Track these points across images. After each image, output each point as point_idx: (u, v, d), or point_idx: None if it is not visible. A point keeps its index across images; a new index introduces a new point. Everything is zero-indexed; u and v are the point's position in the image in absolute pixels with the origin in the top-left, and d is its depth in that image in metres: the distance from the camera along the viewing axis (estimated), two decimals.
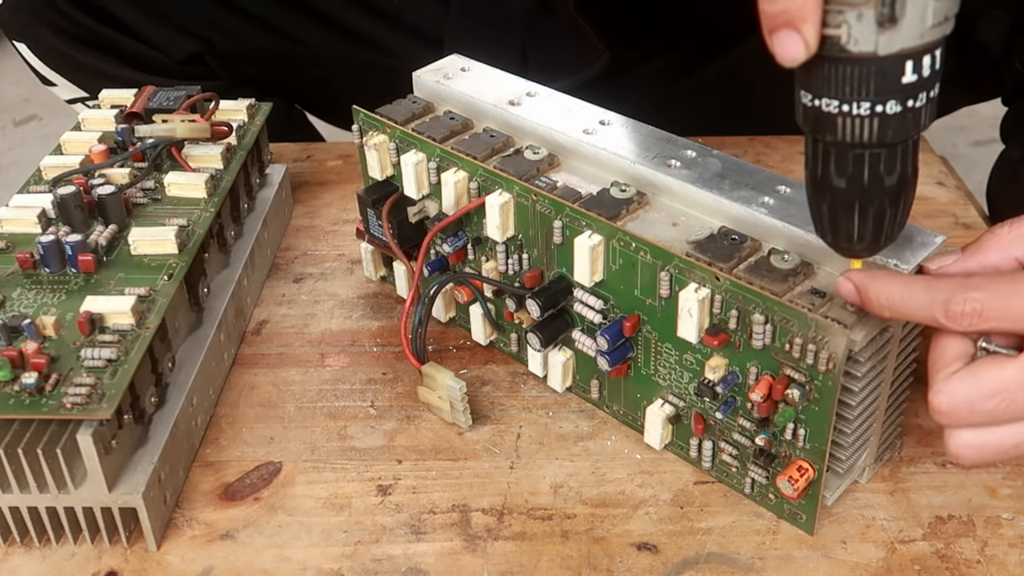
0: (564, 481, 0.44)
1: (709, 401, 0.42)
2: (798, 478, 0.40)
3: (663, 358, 0.43)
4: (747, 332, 0.39)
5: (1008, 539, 0.41)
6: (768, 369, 0.39)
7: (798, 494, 0.40)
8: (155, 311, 0.43)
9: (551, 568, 0.40)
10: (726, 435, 0.42)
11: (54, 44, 0.71)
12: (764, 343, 0.38)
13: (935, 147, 0.73)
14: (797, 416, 0.39)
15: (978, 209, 0.64)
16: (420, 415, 0.48)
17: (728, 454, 0.43)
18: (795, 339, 0.37)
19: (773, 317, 0.38)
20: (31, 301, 0.44)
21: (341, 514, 0.43)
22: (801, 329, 0.37)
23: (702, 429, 0.43)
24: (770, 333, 0.38)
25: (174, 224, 0.48)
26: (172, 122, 0.54)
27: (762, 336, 0.38)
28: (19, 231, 0.48)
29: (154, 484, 0.41)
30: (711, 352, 0.41)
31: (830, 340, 0.36)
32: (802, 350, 0.37)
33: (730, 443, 0.42)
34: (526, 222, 0.46)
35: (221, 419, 0.48)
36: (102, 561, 0.41)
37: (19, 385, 0.39)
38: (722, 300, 0.39)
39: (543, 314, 0.45)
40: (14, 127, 1.57)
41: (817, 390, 0.38)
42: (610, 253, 0.43)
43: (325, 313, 0.56)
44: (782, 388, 0.38)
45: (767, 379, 0.39)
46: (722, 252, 0.40)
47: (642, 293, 0.42)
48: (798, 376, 0.38)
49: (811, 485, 0.40)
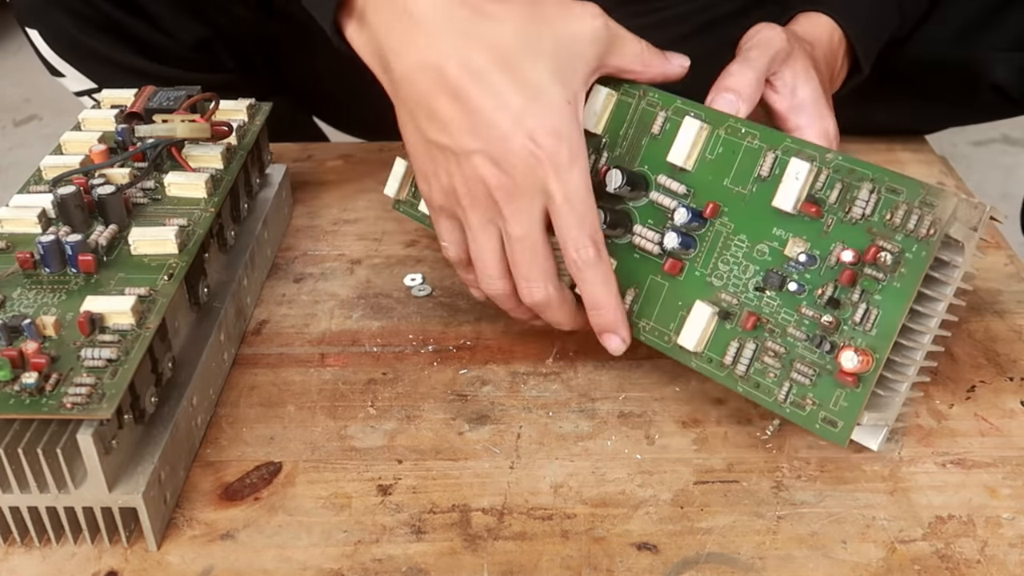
0: (564, 481, 0.44)
1: (770, 295, 0.43)
2: (854, 358, 0.40)
3: (730, 252, 0.44)
4: (846, 207, 0.41)
5: (1008, 539, 0.41)
6: (855, 246, 0.41)
7: (857, 373, 0.40)
8: (155, 311, 0.43)
9: (551, 568, 0.40)
10: (776, 335, 0.43)
11: (67, 29, 0.70)
12: (864, 213, 0.40)
13: (935, 147, 0.73)
14: (875, 293, 0.40)
15: None
16: (420, 415, 0.48)
17: (771, 354, 0.43)
18: (899, 208, 0.39)
19: (881, 188, 0.40)
20: (31, 301, 0.44)
21: (341, 514, 0.43)
22: (910, 196, 0.39)
23: (754, 323, 0.43)
24: (873, 204, 0.40)
25: (174, 224, 0.48)
26: (172, 122, 0.54)
27: (864, 207, 0.40)
28: (19, 231, 0.48)
29: (154, 484, 0.41)
30: (796, 229, 0.42)
31: (939, 204, 0.39)
32: (904, 217, 0.39)
33: (779, 343, 0.43)
34: (621, 121, 0.48)
35: (221, 419, 0.48)
36: (102, 561, 0.41)
37: (19, 385, 0.39)
38: (827, 176, 0.42)
39: (623, 182, 0.45)
40: (14, 127, 1.57)
41: (907, 264, 0.39)
42: (712, 142, 0.45)
43: (325, 313, 0.56)
44: (875, 252, 0.40)
45: (854, 251, 0.41)
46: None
47: (733, 182, 0.44)
48: (890, 247, 0.40)
49: (863, 382, 0.40)
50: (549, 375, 0.51)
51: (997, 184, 1.35)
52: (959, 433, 0.47)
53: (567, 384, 0.50)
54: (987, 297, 0.56)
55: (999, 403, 0.49)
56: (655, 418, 0.48)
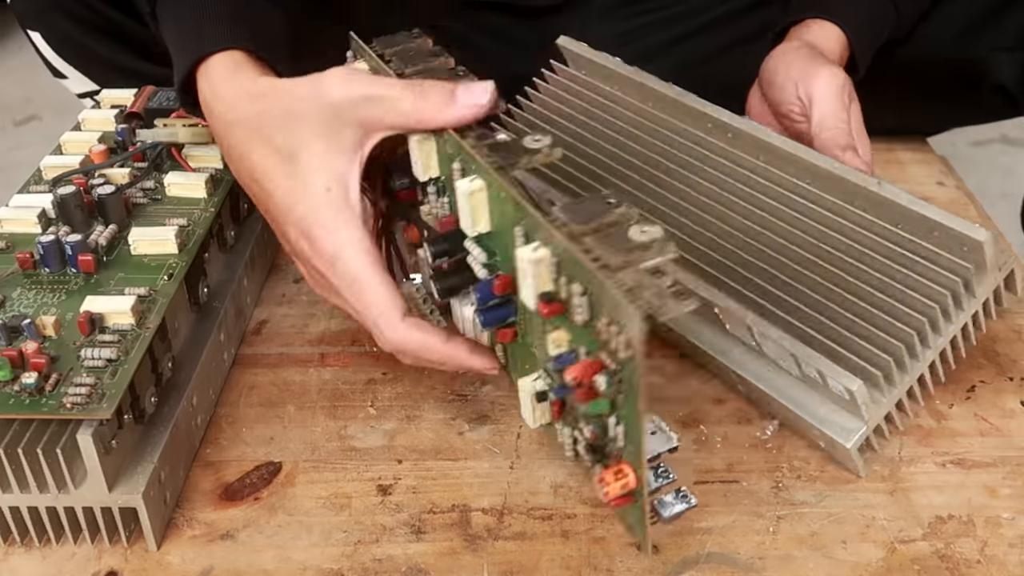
0: (564, 481, 0.44)
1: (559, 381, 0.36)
2: (611, 481, 0.34)
3: (532, 326, 0.39)
4: (574, 309, 0.34)
5: (1008, 539, 0.41)
6: (595, 350, 0.34)
7: (611, 500, 0.34)
8: (155, 311, 0.43)
9: (551, 568, 0.40)
10: (580, 430, 0.37)
11: (68, 32, 0.70)
12: (584, 318, 0.33)
13: (935, 147, 0.73)
14: (616, 409, 0.34)
15: (978, 209, 0.64)
16: (420, 415, 0.48)
17: (582, 445, 0.37)
18: (603, 316, 0.32)
19: (590, 287, 0.32)
20: (31, 301, 0.44)
21: (341, 514, 0.43)
22: (607, 304, 0.32)
23: (558, 412, 0.38)
24: (587, 307, 0.33)
25: (174, 224, 0.48)
26: (174, 127, 0.54)
27: (581, 310, 0.33)
28: (19, 231, 0.48)
29: (154, 484, 0.41)
30: (553, 324, 0.36)
31: (627, 322, 0.30)
32: (607, 330, 0.32)
33: (580, 433, 0.37)
34: (445, 163, 0.42)
35: (221, 419, 0.48)
36: (102, 561, 0.41)
37: (19, 385, 0.39)
38: (557, 263, 0.34)
39: (435, 261, 0.41)
40: (14, 127, 1.57)
41: (625, 380, 0.32)
42: (494, 202, 0.38)
43: (325, 313, 0.56)
44: (592, 373, 0.33)
45: (586, 363, 0.34)
46: (583, 213, 0.34)
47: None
48: (609, 362, 0.33)
49: (634, 494, 0.34)
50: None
51: (997, 184, 1.35)
52: (959, 433, 0.47)
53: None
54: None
55: (999, 403, 0.49)
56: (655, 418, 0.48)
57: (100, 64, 0.72)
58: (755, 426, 0.47)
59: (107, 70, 0.71)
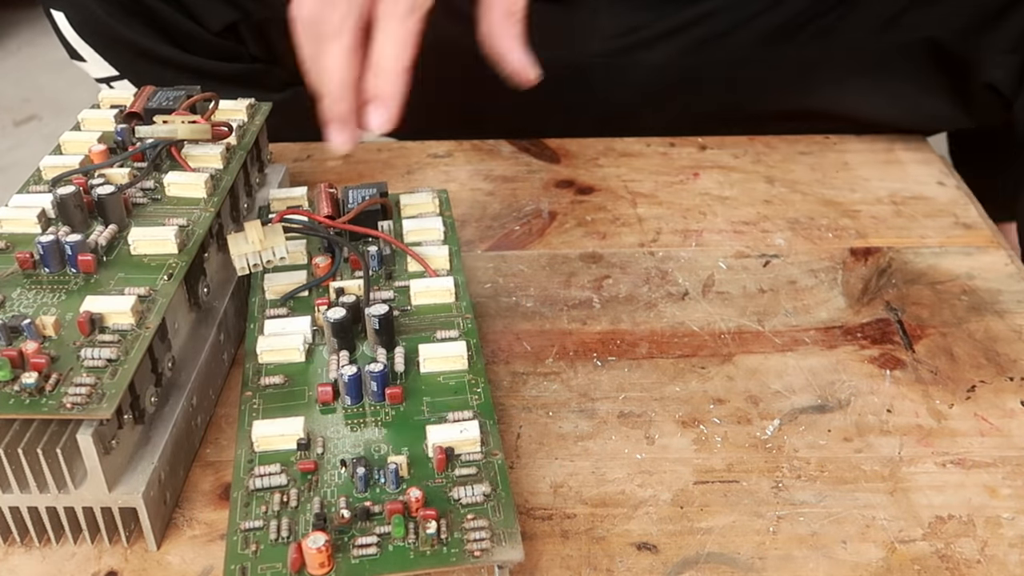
0: (564, 481, 0.44)
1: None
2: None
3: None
4: None
5: (1008, 539, 0.41)
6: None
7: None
8: (155, 311, 0.43)
9: (551, 568, 0.40)
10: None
11: (92, 11, 0.70)
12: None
13: (935, 147, 0.73)
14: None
15: (978, 209, 0.64)
16: None
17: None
18: None
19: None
20: (31, 301, 0.44)
21: None
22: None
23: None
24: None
25: (174, 224, 0.48)
26: (173, 123, 0.54)
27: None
28: (19, 231, 0.48)
29: (154, 484, 0.41)
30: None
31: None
32: None
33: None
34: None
35: (221, 419, 0.48)
36: (102, 561, 0.41)
37: (19, 385, 0.39)
38: None
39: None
40: (14, 127, 1.57)
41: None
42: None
43: None
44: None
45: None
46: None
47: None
48: None
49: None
50: (549, 375, 0.51)
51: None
52: (959, 433, 0.47)
53: (567, 384, 0.50)
54: (987, 297, 0.56)
55: (999, 403, 0.49)
56: (655, 418, 0.48)
57: (124, 47, 0.71)
58: (755, 426, 0.47)
59: (131, 54, 0.70)
